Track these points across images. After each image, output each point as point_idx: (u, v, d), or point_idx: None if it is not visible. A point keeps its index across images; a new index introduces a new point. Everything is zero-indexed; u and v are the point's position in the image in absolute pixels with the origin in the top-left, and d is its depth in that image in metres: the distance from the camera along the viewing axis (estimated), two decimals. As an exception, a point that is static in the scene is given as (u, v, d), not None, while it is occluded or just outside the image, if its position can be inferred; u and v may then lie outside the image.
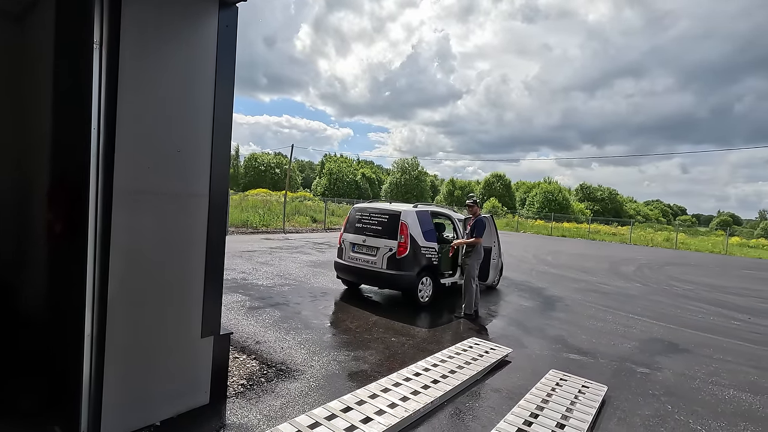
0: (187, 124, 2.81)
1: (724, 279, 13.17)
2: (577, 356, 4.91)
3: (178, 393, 2.94)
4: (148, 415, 2.78)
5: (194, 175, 2.86)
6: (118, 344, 2.58)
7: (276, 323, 5.27)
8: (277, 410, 3.16)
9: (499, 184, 54.33)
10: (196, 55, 2.81)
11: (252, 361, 4.04)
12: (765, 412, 3.78)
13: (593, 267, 13.50)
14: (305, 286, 7.57)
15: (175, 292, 2.83)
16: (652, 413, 3.58)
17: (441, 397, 3.44)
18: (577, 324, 6.35)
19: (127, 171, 2.52)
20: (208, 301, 3.01)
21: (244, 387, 3.50)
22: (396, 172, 58.90)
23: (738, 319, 7.55)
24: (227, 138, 3.01)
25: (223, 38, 2.91)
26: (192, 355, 2.99)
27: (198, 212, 2.89)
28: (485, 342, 4.91)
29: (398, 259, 6.24)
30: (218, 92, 2.92)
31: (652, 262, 16.60)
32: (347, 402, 3.17)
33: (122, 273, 2.55)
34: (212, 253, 2.98)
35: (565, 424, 3.11)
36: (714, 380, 4.46)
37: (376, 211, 6.76)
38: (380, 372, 3.96)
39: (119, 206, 2.50)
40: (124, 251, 2.55)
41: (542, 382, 3.87)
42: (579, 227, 34.37)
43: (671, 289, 10.29)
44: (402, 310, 6.31)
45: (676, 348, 5.51)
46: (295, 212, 22.99)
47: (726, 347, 5.70)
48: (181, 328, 2.89)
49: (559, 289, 9.20)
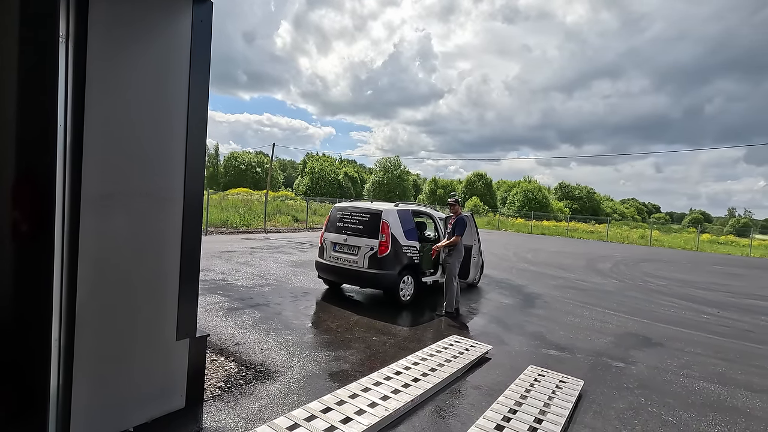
0: (160, 123, 2.73)
1: (695, 274, 13.63)
2: (555, 352, 5.00)
3: (153, 397, 2.86)
4: (120, 421, 2.70)
5: (168, 175, 2.78)
6: (88, 350, 2.49)
7: (256, 324, 5.20)
8: (256, 412, 3.12)
9: (481, 183, 54.92)
10: (170, 51, 2.74)
11: (230, 363, 3.97)
12: (732, 402, 3.93)
13: (571, 264, 13.78)
14: (286, 286, 7.49)
15: (148, 295, 2.76)
16: (626, 406, 3.67)
17: (421, 395, 3.45)
18: (555, 320, 6.46)
19: (96, 171, 2.43)
20: (184, 303, 2.94)
21: (222, 390, 3.43)
22: (379, 171, 58.89)
23: (708, 313, 7.83)
24: (202, 137, 2.95)
25: (198, 34, 2.84)
26: (166, 359, 2.91)
27: (172, 212, 2.81)
28: (466, 339, 4.95)
29: (379, 258, 6.23)
30: (193, 90, 2.85)
31: (627, 258, 17.06)
32: (327, 402, 3.15)
33: (91, 276, 2.47)
34: (187, 254, 2.91)
35: (543, 419, 3.17)
36: (685, 373, 4.61)
37: (358, 210, 6.74)
38: (361, 371, 3.95)
39: (88, 207, 2.41)
40: (94, 253, 2.46)
41: (521, 378, 3.92)
42: (558, 225, 35.05)
43: (645, 285, 10.59)
44: (383, 309, 6.30)
45: (649, 342, 5.67)
46: (276, 212, 22.73)
47: (696, 340, 5.90)
48: (154, 331, 2.82)
49: (539, 286, 9.36)
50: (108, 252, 2.53)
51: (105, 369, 2.60)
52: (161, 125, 2.73)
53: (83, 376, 2.49)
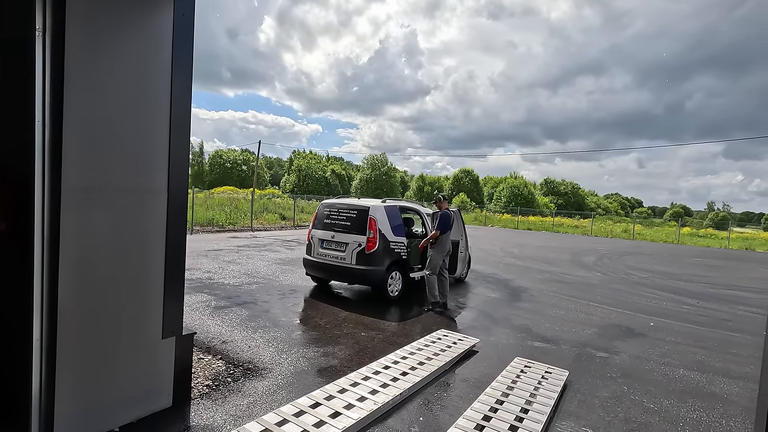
0: (143, 117, 2.69)
1: (676, 267, 13.97)
2: (541, 344, 5.09)
3: (139, 397, 2.83)
4: (105, 421, 2.66)
5: (151, 170, 2.75)
6: (71, 350, 2.45)
7: (243, 322, 5.17)
8: (244, 409, 3.11)
9: (468, 179, 55.25)
10: (151, 45, 2.69)
11: (218, 362, 3.95)
12: (710, 389, 4.05)
13: (557, 258, 13.99)
14: (274, 283, 7.45)
15: (132, 293, 2.72)
16: (609, 395, 3.76)
17: (410, 389, 3.48)
18: (541, 313, 6.57)
19: (76, 167, 2.39)
20: (169, 301, 2.90)
21: (210, 388, 3.41)
22: (366, 168, 58.78)
23: (688, 303, 8.04)
24: (186, 131, 2.91)
25: (180, 28, 2.80)
26: (152, 357, 2.88)
27: (156, 208, 2.78)
28: (453, 333, 5.00)
29: (367, 254, 6.24)
30: (175, 83, 2.81)
31: (611, 252, 17.39)
32: (316, 398, 3.15)
33: (73, 274, 2.42)
34: (172, 250, 2.88)
35: (529, 408, 3.22)
36: (666, 361, 4.73)
37: (345, 206, 6.73)
38: (350, 367, 3.96)
39: (69, 203, 2.37)
40: (75, 251, 2.42)
41: (507, 370, 3.98)
42: (544, 220, 35.50)
43: (629, 278, 10.82)
44: (372, 305, 6.32)
45: (632, 332, 5.80)
46: (263, 210, 22.52)
47: (677, 330, 6.06)
48: (139, 329, 2.78)
49: (525, 280, 9.48)
50: (90, 249, 2.49)
51: (89, 369, 2.56)
52: (143, 120, 2.69)
53: (66, 378, 2.45)
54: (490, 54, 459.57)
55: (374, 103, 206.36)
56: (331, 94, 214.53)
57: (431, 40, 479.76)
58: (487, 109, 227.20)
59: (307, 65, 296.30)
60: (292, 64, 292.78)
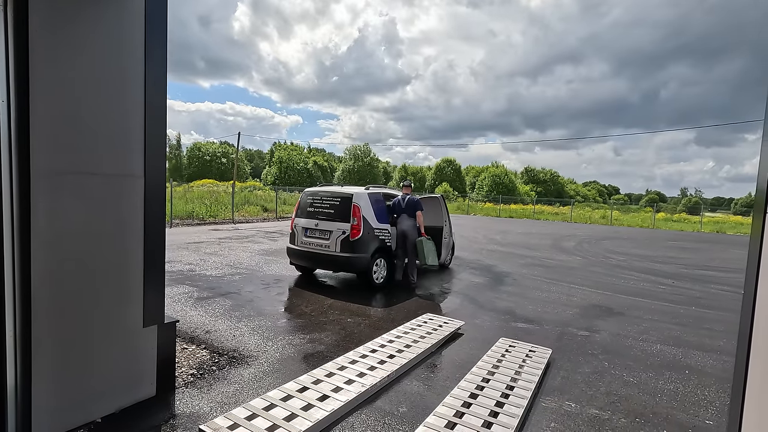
0: (115, 97, 2.58)
1: (652, 249, 14.40)
2: (525, 325, 5.18)
3: (120, 387, 2.77)
4: (86, 412, 2.59)
5: (126, 153, 2.65)
6: (46, 341, 2.37)
7: (227, 312, 5.10)
8: (230, 396, 3.07)
9: (450, 169, 55.53)
10: (123, 21, 2.57)
11: (202, 351, 3.89)
12: (685, 362, 4.20)
13: (538, 244, 14.24)
14: (257, 274, 7.37)
15: (110, 281, 2.64)
16: (591, 370, 3.86)
17: (397, 371, 3.50)
18: (524, 296, 6.68)
19: (46, 150, 2.28)
20: (149, 288, 2.83)
21: (194, 376, 3.36)
22: (348, 159, 58.39)
23: (664, 283, 8.30)
24: (162, 114, 2.81)
25: (153, 4, 2.69)
26: (134, 346, 2.81)
27: (132, 193, 2.69)
28: (439, 317, 5.05)
29: (351, 241, 6.22)
30: (149, 63, 2.70)
31: (590, 237, 17.80)
32: (303, 382, 3.14)
33: (46, 262, 2.33)
34: (151, 236, 2.80)
35: (515, 385, 3.28)
36: (644, 338, 4.88)
37: (328, 194, 6.67)
38: (337, 352, 3.95)
39: (39, 189, 2.27)
40: (48, 237, 2.33)
41: (493, 350, 4.04)
42: (525, 208, 36.07)
43: (607, 261, 11.10)
44: (357, 292, 6.32)
45: (611, 312, 5.97)
46: (244, 202, 22.18)
47: (654, 308, 6.26)
48: (119, 318, 2.71)
49: (508, 265, 9.63)
50: (63, 235, 2.40)
51: (66, 361, 2.48)
52: (116, 101, 2.58)
53: (43, 369, 2.37)
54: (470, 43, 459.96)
55: (354, 93, 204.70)
56: (310, 84, 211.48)
57: (410, 29, 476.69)
58: (467, 98, 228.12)
59: (285, 54, 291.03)
60: (268, 53, 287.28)
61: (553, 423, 2.93)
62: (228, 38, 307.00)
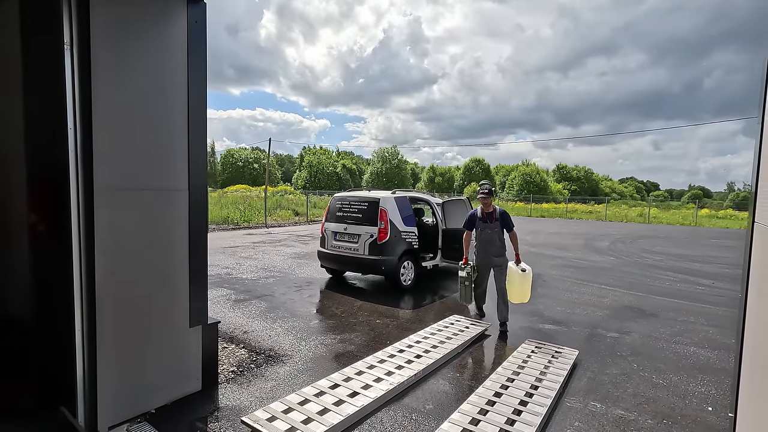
0: (163, 119, 2.87)
1: (692, 249, 13.81)
2: (552, 326, 5.19)
3: (171, 381, 3.05)
4: (142, 403, 2.89)
5: (173, 169, 2.94)
6: (109, 337, 2.67)
7: (262, 313, 5.39)
8: (268, 392, 3.31)
9: (479, 168, 54.99)
10: (168, 51, 2.86)
11: (241, 350, 4.16)
12: (720, 365, 4.12)
13: (570, 244, 13.96)
14: (290, 277, 7.68)
15: (161, 284, 2.93)
16: (619, 372, 3.86)
17: (424, 370, 3.64)
18: (553, 297, 6.65)
19: (106, 168, 2.58)
20: (195, 292, 3.11)
21: (235, 373, 3.62)
22: (377, 161, 58.91)
23: (702, 284, 8.02)
24: (203, 131, 3.09)
25: (193, 34, 2.97)
26: (182, 344, 3.09)
27: (179, 205, 2.97)
28: (465, 319, 5.14)
29: (379, 244, 6.40)
30: (192, 87, 2.98)
31: (625, 236, 17.24)
32: (334, 380, 3.33)
33: (108, 269, 2.63)
34: (196, 244, 3.08)
35: (539, 385, 3.35)
36: (677, 340, 4.80)
37: (356, 199, 6.89)
38: (366, 352, 4.13)
39: (101, 203, 2.57)
40: (109, 247, 2.62)
41: (518, 350, 4.11)
42: (557, 207, 35.21)
43: (642, 261, 10.78)
44: (386, 294, 6.49)
45: (644, 313, 5.86)
46: (276, 206, 22.89)
47: (690, 310, 6.09)
48: (169, 318, 2.99)
49: (538, 266, 9.53)
50: (122, 243, 2.70)
51: (126, 355, 2.78)
52: (163, 122, 2.88)
53: (107, 363, 2.67)
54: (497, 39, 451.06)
55: (380, 94, 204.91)
56: (336, 88, 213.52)
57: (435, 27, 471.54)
58: (495, 96, 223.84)
59: (311, 59, 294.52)
60: (294, 58, 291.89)
61: (577, 422, 2.99)
62: (255, 45, 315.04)
